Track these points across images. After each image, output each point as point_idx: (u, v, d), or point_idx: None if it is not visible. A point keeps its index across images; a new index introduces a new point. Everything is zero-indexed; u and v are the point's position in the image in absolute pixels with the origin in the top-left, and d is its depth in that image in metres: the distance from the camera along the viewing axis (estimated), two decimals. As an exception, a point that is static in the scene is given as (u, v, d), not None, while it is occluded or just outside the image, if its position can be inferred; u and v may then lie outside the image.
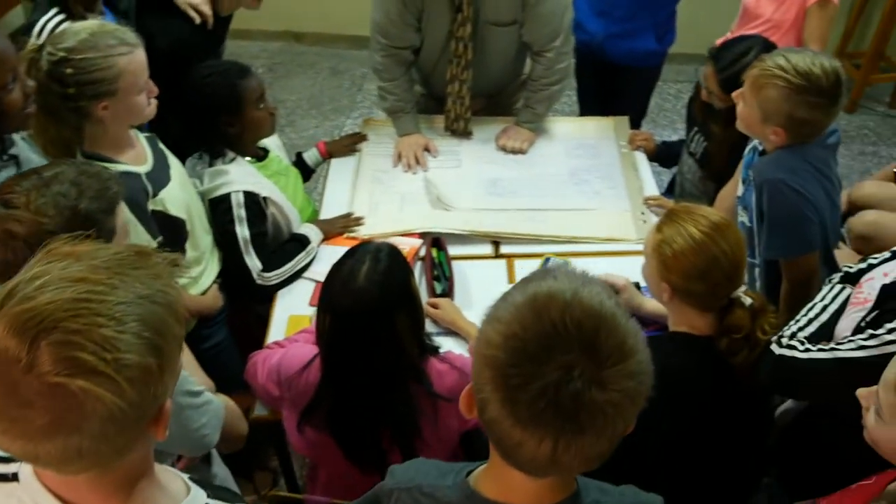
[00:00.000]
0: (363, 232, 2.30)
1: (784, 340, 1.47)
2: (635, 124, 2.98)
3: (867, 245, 2.31)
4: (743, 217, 1.98)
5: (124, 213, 1.57)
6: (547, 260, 2.18)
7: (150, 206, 1.84)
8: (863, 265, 1.58)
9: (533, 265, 2.17)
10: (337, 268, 1.57)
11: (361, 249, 1.59)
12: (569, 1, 2.51)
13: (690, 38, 4.19)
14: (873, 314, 1.38)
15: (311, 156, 2.64)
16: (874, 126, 4.30)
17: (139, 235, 1.75)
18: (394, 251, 1.60)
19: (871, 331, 1.33)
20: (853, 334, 1.38)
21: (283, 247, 2.19)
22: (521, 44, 2.57)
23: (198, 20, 2.31)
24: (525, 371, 0.82)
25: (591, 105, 3.12)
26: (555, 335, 0.82)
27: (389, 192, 2.47)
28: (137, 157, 1.88)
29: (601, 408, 0.81)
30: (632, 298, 1.91)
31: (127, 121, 1.83)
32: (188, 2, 2.29)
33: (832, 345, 1.39)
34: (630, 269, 2.03)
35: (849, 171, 3.81)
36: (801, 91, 1.73)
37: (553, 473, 0.90)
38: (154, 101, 1.84)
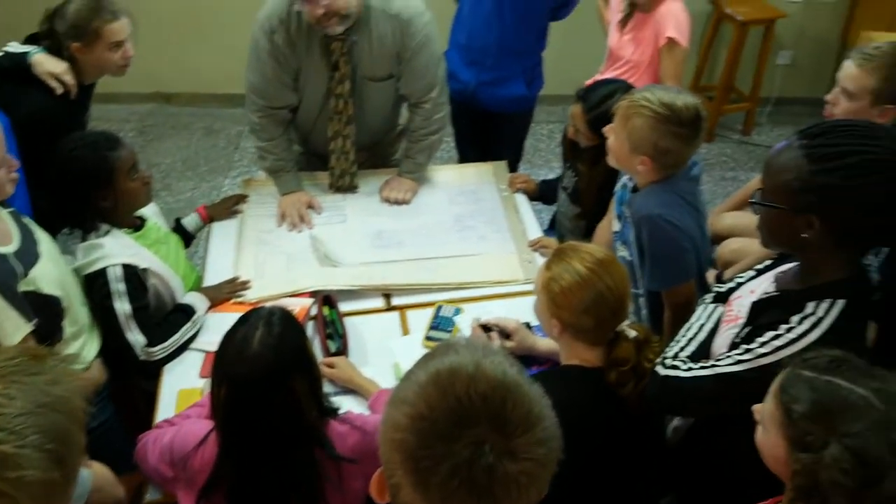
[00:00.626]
0: (251, 296, 2.25)
1: (668, 361, 1.54)
2: (513, 167, 3.08)
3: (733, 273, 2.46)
4: (623, 252, 2.07)
5: None
6: (439, 308, 2.20)
7: (22, 286, 1.73)
8: (732, 284, 1.68)
9: (425, 314, 2.19)
10: (230, 336, 1.53)
11: (254, 315, 1.56)
12: (441, 53, 2.58)
13: (558, 81, 4.39)
14: (746, 330, 1.46)
15: (190, 221, 2.57)
16: (731, 153, 4.61)
17: (11, 321, 1.65)
18: (286, 315, 1.58)
19: (745, 346, 1.41)
20: (729, 350, 1.46)
21: (167, 318, 2.12)
22: (398, 96, 2.61)
23: (59, 90, 2.22)
24: (436, 452, 0.81)
25: (469, 151, 3.20)
26: (461, 410, 0.82)
27: (275, 253, 2.43)
28: (2, 236, 1.77)
29: (514, 479, 0.81)
30: (524, 339, 1.95)
31: None
32: (48, 71, 2.20)
33: (712, 362, 1.46)
34: (521, 310, 2.09)
35: (713, 196, 4.05)
36: (665, 121, 1.85)
37: None
38: (15, 176, 1.75)
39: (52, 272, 1.84)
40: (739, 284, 1.65)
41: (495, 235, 2.51)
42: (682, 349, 1.57)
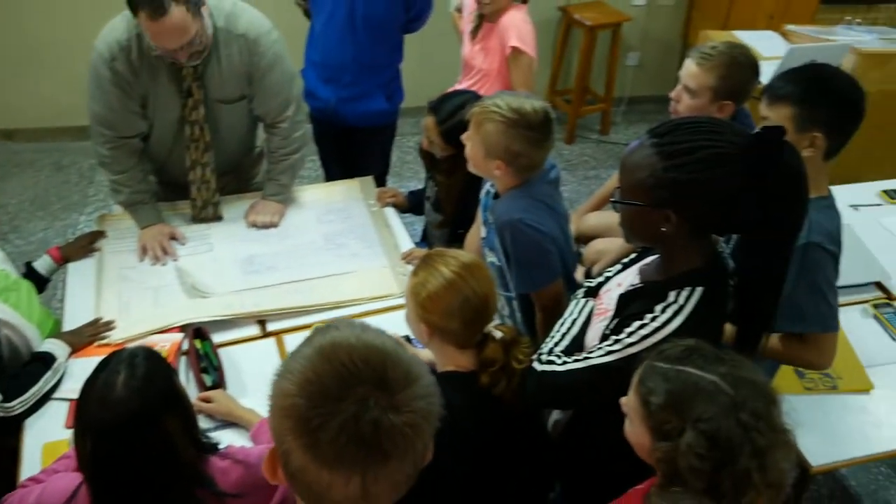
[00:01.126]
0: (116, 336, 2.14)
1: (543, 357, 1.58)
2: (381, 181, 3.08)
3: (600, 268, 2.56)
4: (491, 258, 2.11)
5: None
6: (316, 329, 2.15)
7: None
8: (601, 279, 1.73)
9: (302, 337, 2.13)
10: (90, 382, 1.45)
11: (115, 358, 1.47)
12: (295, 70, 2.54)
13: (421, 93, 4.44)
14: (615, 322, 1.51)
15: (43, 264, 2.41)
16: (591, 153, 4.79)
17: None
18: (151, 353, 1.51)
19: (614, 337, 1.46)
20: (601, 342, 1.51)
21: (24, 370, 1.98)
22: (252, 117, 2.55)
23: None
24: (324, 410, 0.85)
25: (335, 169, 3.18)
26: (346, 372, 0.87)
27: (140, 289, 2.32)
28: None
29: (400, 430, 0.86)
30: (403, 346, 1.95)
31: None
32: None
33: (584, 355, 1.51)
34: (399, 324, 2.04)
35: (577, 196, 4.20)
36: (514, 125, 1.91)
37: None
38: None
39: None
40: (608, 278, 1.71)
41: (367, 251, 2.50)
42: (556, 344, 1.61)
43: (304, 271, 2.40)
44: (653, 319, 1.40)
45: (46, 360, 2.01)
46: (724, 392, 1.19)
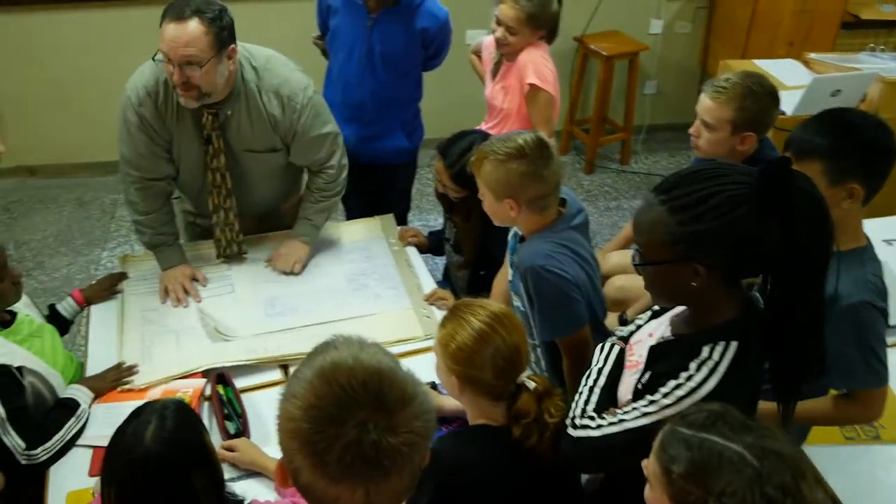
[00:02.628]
0: (139, 381, 2.13)
1: (577, 421, 1.53)
2: (402, 219, 3.07)
3: (620, 308, 2.52)
4: (517, 302, 2.08)
5: None
6: (340, 374, 2.13)
7: None
8: (632, 327, 1.70)
9: (326, 382, 2.12)
10: (119, 433, 1.45)
11: (147, 409, 1.48)
12: (329, 114, 2.50)
13: (442, 126, 4.44)
14: (647, 375, 1.47)
15: (66, 307, 2.42)
16: (612, 182, 4.76)
17: None
18: (182, 406, 1.51)
19: (649, 396, 1.42)
20: (634, 399, 1.47)
21: (48, 416, 1.98)
22: (288, 164, 2.54)
23: None
24: (328, 434, 0.93)
25: (355, 207, 3.16)
26: (345, 397, 0.94)
27: (162, 332, 2.32)
28: None
29: (398, 449, 0.94)
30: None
31: None
32: None
33: (619, 416, 1.47)
34: (423, 367, 1.99)
35: (598, 227, 4.17)
36: (508, 158, 1.90)
37: None
38: None
39: None
40: (639, 326, 1.67)
41: (390, 292, 2.48)
42: (586, 402, 1.57)
43: (327, 313, 2.38)
44: (688, 379, 1.36)
45: (70, 407, 2.00)
46: (750, 464, 1.13)
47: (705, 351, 1.37)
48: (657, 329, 1.56)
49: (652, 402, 1.40)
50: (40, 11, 4.13)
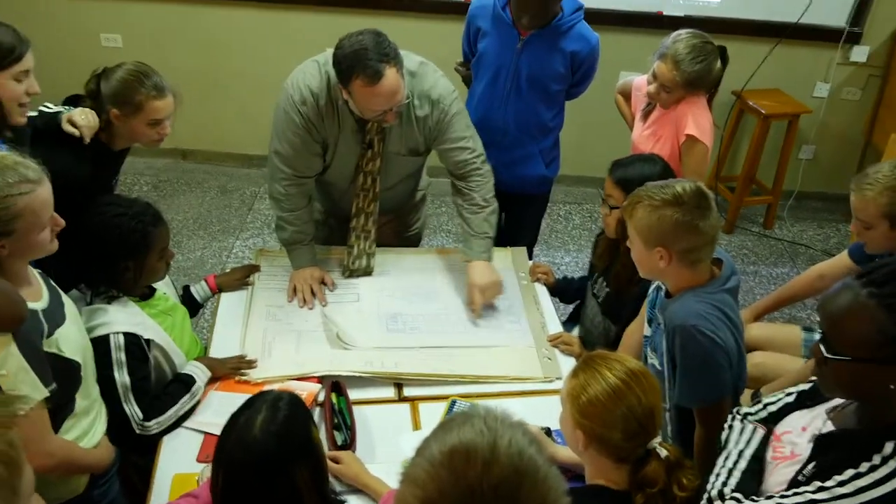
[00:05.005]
0: (255, 375, 2.16)
1: (726, 497, 1.44)
2: (529, 250, 3.00)
3: (755, 385, 2.37)
4: (653, 359, 1.98)
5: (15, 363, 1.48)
6: (453, 403, 2.10)
7: (45, 346, 1.66)
8: (772, 409, 1.58)
9: (438, 408, 2.09)
10: (233, 419, 1.48)
11: (260, 398, 1.50)
12: (471, 123, 2.53)
13: (578, 162, 4.39)
14: (811, 466, 1.37)
15: (199, 290, 2.50)
16: (752, 246, 4.53)
17: (28, 384, 1.56)
18: (295, 400, 1.52)
19: (818, 483, 1.32)
20: (790, 487, 1.36)
21: (165, 390, 2.04)
22: (420, 168, 2.59)
23: (77, 134, 2.13)
24: None
25: None
26: (472, 500, 0.81)
27: (285, 331, 2.34)
28: (34, 293, 1.71)
29: None
30: (544, 449, 1.84)
31: (27, 258, 1.69)
32: (68, 118, 2.13)
33: (777, 499, 1.36)
34: (539, 411, 2.01)
35: (731, 290, 3.97)
36: (665, 204, 1.79)
37: None
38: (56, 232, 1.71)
39: (75, 336, 1.78)
40: (771, 413, 1.55)
41: (513, 326, 2.42)
42: (724, 484, 1.46)
43: (448, 338, 2.35)
44: (871, 470, 1.25)
45: (187, 383, 2.05)
46: None
47: (888, 447, 1.26)
48: (811, 422, 1.44)
49: (822, 488, 1.30)
50: (219, 7, 4.36)
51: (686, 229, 1.79)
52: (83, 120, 2.14)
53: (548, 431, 1.92)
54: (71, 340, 1.74)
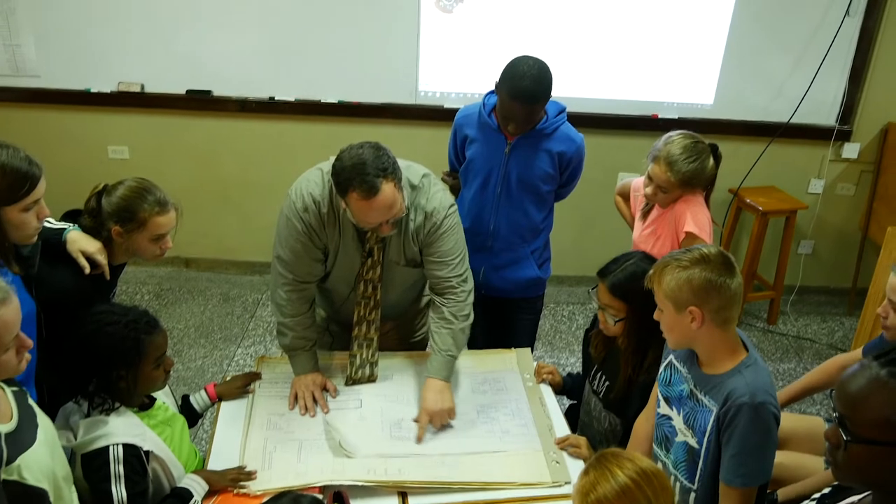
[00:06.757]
0: (255, 487, 2.09)
1: None
2: (528, 354, 2.97)
3: (774, 487, 2.30)
4: (685, 437, 1.94)
5: None
6: (459, 512, 2.03)
7: (3, 474, 1.58)
8: None
9: (444, 518, 2.02)
10: None
11: (285, 497, 1.58)
12: (463, 239, 2.52)
13: (579, 262, 4.42)
14: None
15: (198, 399, 2.45)
16: (757, 342, 4.49)
17: None
18: (317, 500, 1.57)
19: None
20: None
21: None
22: (422, 275, 2.57)
23: (88, 269, 2.14)
24: None
25: (480, 341, 2.96)
26: None
27: (286, 440, 2.29)
28: (0, 415, 1.65)
29: None
30: None
31: None
32: (80, 249, 2.14)
33: None
34: None
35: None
36: (693, 264, 1.81)
37: None
38: (27, 356, 1.66)
39: (43, 461, 1.70)
40: None
41: (520, 430, 2.36)
42: None
43: (453, 444, 2.29)
44: None
45: (183, 497, 1.99)
46: None
47: None
48: None
49: None
50: (221, 118, 4.48)
51: (716, 287, 1.80)
52: (103, 259, 2.17)
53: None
54: (36, 466, 1.66)
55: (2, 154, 1.83)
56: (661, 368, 2.08)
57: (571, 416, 2.62)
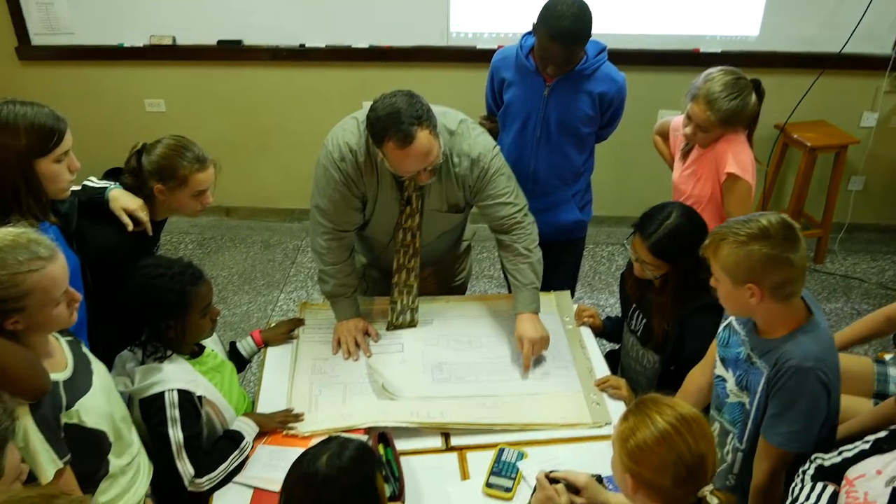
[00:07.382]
0: (302, 429, 2.16)
1: None
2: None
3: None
4: (740, 398, 1.92)
5: (30, 437, 1.51)
6: (501, 451, 2.06)
7: (64, 418, 1.68)
8: (836, 457, 1.51)
9: (486, 456, 2.06)
10: (304, 454, 1.59)
11: (334, 439, 1.62)
12: (512, 176, 2.51)
13: (619, 203, 4.36)
14: None
15: (245, 345, 2.52)
16: (802, 281, 4.41)
17: (45, 455, 1.58)
18: (364, 445, 1.62)
19: None
20: None
21: (215, 446, 2.05)
22: (463, 222, 2.58)
23: (131, 227, 2.18)
24: None
25: None
26: None
27: (331, 383, 2.34)
28: (56, 364, 1.74)
29: None
30: (595, 496, 1.79)
31: (44, 332, 1.71)
32: (122, 207, 2.18)
33: None
34: (588, 457, 1.99)
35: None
36: (751, 239, 1.72)
37: None
38: (75, 308, 1.72)
39: (100, 405, 1.79)
40: (846, 459, 1.49)
41: (560, 372, 2.38)
42: None
43: (494, 386, 2.32)
44: None
45: (235, 439, 2.07)
46: None
47: None
48: (886, 466, 1.37)
49: None
50: (256, 67, 4.48)
51: (777, 263, 1.71)
52: (145, 216, 2.21)
53: (598, 478, 1.86)
54: (94, 410, 1.76)
55: (28, 111, 1.88)
56: (721, 328, 2.04)
57: (612, 360, 2.63)
